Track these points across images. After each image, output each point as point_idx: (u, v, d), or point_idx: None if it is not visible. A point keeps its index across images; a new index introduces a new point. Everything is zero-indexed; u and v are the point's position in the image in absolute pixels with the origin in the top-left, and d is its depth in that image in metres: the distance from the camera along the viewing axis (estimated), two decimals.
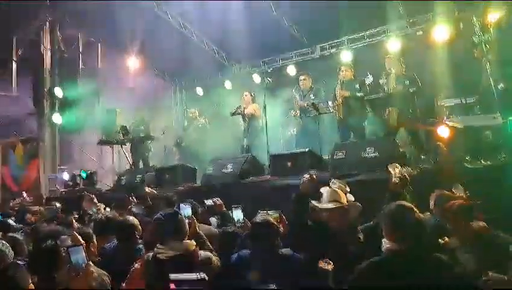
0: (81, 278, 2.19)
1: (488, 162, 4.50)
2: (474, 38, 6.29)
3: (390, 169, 3.56)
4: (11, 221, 5.51)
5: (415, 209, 2.43)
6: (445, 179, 4.08)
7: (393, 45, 8.94)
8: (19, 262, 2.77)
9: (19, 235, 3.89)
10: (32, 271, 2.77)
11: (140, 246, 3.56)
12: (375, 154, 5.53)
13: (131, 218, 3.75)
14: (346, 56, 9.85)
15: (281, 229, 3.32)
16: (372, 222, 3.39)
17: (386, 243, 2.38)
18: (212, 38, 11.31)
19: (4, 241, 2.99)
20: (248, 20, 9.33)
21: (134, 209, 5.01)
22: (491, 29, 6.27)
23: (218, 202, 4.49)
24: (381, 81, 7.14)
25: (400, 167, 3.54)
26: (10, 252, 2.89)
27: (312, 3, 9.05)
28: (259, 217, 3.30)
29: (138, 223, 3.72)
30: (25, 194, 9.40)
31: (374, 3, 8.72)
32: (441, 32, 8.22)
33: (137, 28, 9.88)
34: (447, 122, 6.05)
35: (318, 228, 3.42)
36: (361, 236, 3.31)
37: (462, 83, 7.26)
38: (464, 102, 6.43)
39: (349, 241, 3.26)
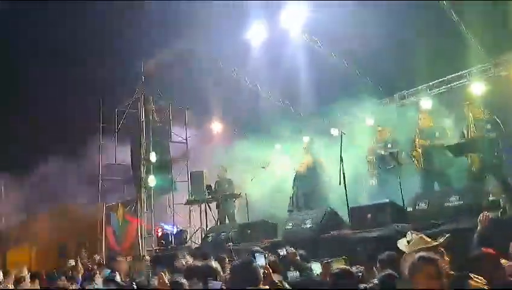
0: None
1: None
2: None
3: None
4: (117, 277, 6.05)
5: None
6: None
7: (476, 88, 8.59)
8: None
9: None
10: None
11: None
12: (459, 203, 5.23)
13: (213, 263, 3.98)
14: (426, 104, 9.63)
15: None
16: None
17: None
18: (287, 97, 11.78)
19: None
20: (322, 73, 9.67)
21: None
22: None
23: (291, 251, 4.59)
24: (463, 128, 6.84)
25: None
26: None
27: (388, 52, 9.11)
28: (337, 268, 3.36)
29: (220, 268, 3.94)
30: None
31: (453, 47, 8.56)
32: None
33: (218, 94, 10.75)
34: None
35: None
36: None
37: None
38: None
39: None
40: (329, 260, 4.24)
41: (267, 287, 3.11)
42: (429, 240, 3.59)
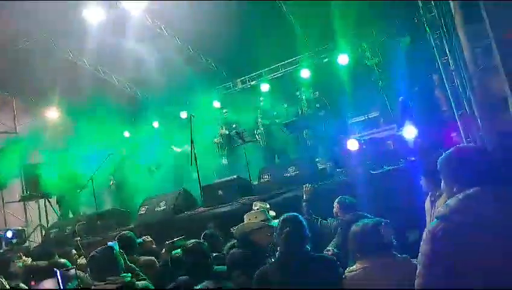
0: None
1: (390, 167, 5.16)
2: (367, 62, 7.17)
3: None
4: None
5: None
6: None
7: (303, 73, 9.80)
8: None
9: None
10: None
11: None
12: (296, 173, 6.02)
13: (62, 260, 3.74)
14: (264, 87, 10.58)
15: None
16: None
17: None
18: (131, 80, 11.42)
19: None
20: (166, 58, 9.67)
21: None
22: (379, 53, 7.20)
23: (147, 239, 4.65)
24: (298, 108, 7.82)
25: None
26: None
27: (229, 40, 9.60)
28: (190, 242, 3.47)
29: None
30: None
31: (284, 37, 9.51)
32: (343, 58, 9.18)
33: (53, 78, 9.79)
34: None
35: None
36: None
37: (366, 100, 8.14)
38: (368, 117, 7.22)
39: None
40: (169, 241, 4.41)
41: (130, 274, 3.08)
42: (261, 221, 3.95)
